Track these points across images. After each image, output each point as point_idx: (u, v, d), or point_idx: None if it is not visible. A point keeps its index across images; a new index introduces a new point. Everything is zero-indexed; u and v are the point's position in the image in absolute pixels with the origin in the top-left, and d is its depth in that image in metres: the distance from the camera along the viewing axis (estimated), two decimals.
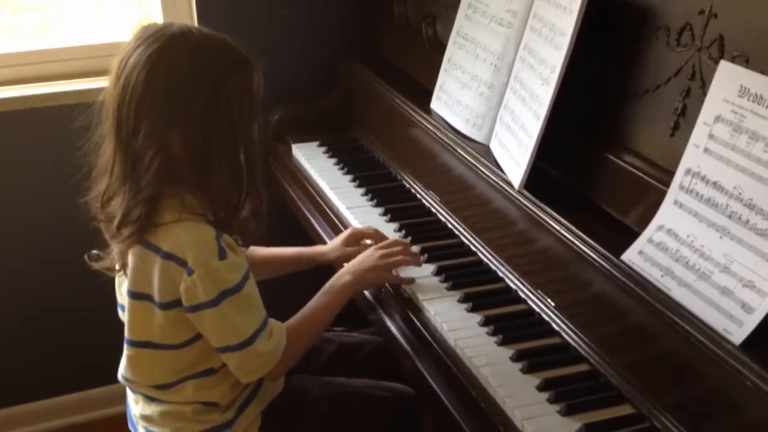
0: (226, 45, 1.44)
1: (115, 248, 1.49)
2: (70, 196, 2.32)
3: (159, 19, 2.45)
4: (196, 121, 1.40)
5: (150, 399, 1.57)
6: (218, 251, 1.42)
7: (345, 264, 1.77)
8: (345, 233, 1.88)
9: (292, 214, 2.25)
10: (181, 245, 1.41)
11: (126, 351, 1.55)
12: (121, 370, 1.59)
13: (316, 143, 2.42)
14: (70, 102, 2.31)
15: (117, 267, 1.51)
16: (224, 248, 1.43)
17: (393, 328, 1.69)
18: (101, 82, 2.28)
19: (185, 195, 1.44)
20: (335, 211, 2.10)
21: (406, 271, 1.75)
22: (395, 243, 1.77)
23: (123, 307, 1.55)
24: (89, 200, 1.50)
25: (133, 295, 1.48)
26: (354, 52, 2.53)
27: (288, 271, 1.86)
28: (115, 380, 1.63)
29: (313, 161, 2.32)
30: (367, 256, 1.71)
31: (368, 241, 1.85)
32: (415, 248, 1.85)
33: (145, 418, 1.58)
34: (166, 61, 1.39)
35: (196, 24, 2.25)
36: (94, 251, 1.54)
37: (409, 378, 1.67)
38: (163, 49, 1.39)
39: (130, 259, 1.47)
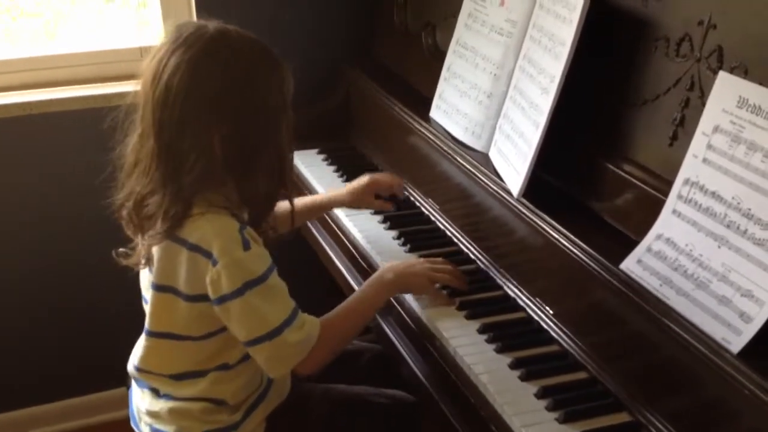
0: (262, 46, 1.46)
1: (140, 243, 1.50)
2: (71, 197, 2.36)
3: (158, 23, 2.46)
4: (238, 122, 1.42)
5: (158, 395, 1.58)
6: (242, 242, 1.43)
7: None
8: (363, 182, 1.94)
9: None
10: (206, 237, 1.42)
11: (144, 342, 1.56)
12: (135, 361, 1.59)
13: (315, 150, 2.43)
14: (71, 108, 2.33)
15: (142, 261, 1.51)
16: (248, 239, 1.44)
17: (392, 336, 1.70)
18: (101, 89, 2.35)
19: (213, 192, 1.45)
20: (334, 218, 2.10)
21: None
22: (445, 262, 1.74)
23: (146, 301, 1.55)
24: (118, 199, 1.50)
25: (158, 287, 1.49)
26: (353, 60, 2.54)
27: (301, 222, 1.91)
28: (116, 384, 1.63)
29: (313, 169, 2.33)
30: (416, 261, 1.71)
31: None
32: (414, 257, 1.86)
33: (152, 414, 1.58)
34: (208, 62, 1.40)
35: None
36: (122, 249, 1.55)
37: (408, 385, 1.67)
38: (205, 50, 1.40)
39: (156, 253, 1.47)
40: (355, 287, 1.85)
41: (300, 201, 1.89)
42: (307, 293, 1.66)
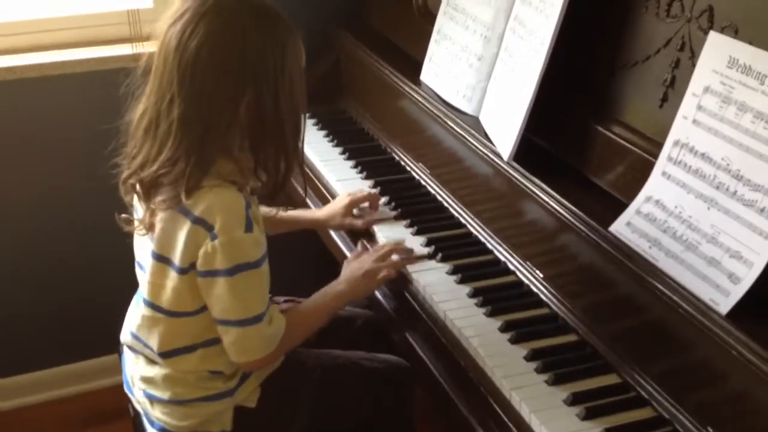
0: (280, 13, 1.46)
1: (143, 209, 1.49)
2: (63, 162, 2.34)
3: None
4: (263, 89, 1.41)
5: (153, 361, 1.58)
6: (246, 222, 1.43)
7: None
8: (343, 202, 1.90)
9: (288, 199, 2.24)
10: (211, 210, 1.42)
11: (142, 310, 1.56)
12: (132, 328, 1.59)
13: (306, 115, 2.41)
14: (61, 72, 2.31)
15: (141, 226, 1.50)
16: (252, 221, 1.44)
17: (383, 300, 1.70)
18: (91, 52, 2.33)
19: (224, 161, 1.45)
20: (325, 183, 2.10)
21: None
22: (388, 246, 1.74)
23: (141, 266, 1.55)
24: (128, 167, 1.48)
25: (157, 257, 1.49)
26: (343, 23, 2.51)
27: (280, 231, 1.88)
28: (109, 351, 1.61)
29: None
30: (361, 262, 1.70)
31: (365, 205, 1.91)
32: (405, 222, 1.86)
33: (146, 380, 1.59)
34: (237, 30, 1.39)
35: None
36: (124, 215, 1.54)
37: (400, 349, 1.68)
38: (232, 18, 1.40)
39: (159, 222, 1.47)
40: (347, 254, 1.85)
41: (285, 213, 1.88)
42: (299, 262, 1.66)
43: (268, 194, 1.51)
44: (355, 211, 1.91)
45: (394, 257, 1.71)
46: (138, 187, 1.47)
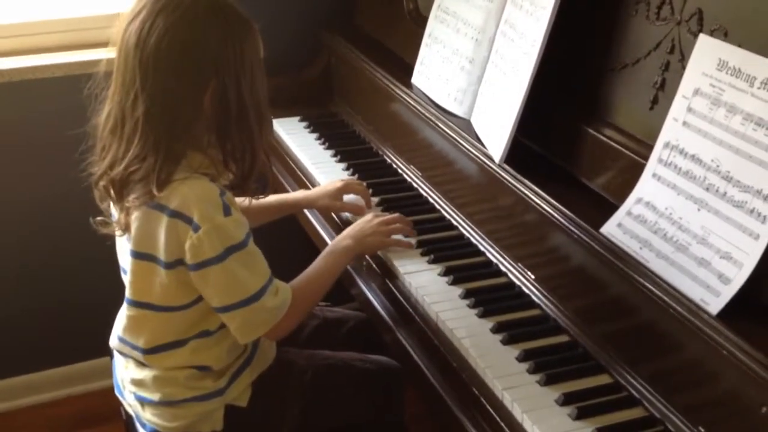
0: (234, 4, 1.47)
1: (117, 210, 1.50)
2: (48, 166, 2.33)
3: None
4: (228, 79, 1.43)
5: (143, 364, 1.58)
6: (223, 207, 1.44)
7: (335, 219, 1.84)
8: (335, 185, 1.92)
9: (272, 189, 2.24)
10: (187, 202, 1.42)
11: (126, 311, 1.56)
12: (119, 332, 1.59)
13: (297, 118, 2.42)
14: (49, 75, 2.31)
15: (119, 230, 1.51)
16: (228, 205, 1.45)
17: (375, 302, 1.70)
18: (80, 56, 2.32)
19: (194, 154, 1.46)
20: (316, 186, 2.09)
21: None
22: (392, 216, 1.80)
23: (125, 270, 1.55)
24: (99, 169, 1.49)
25: (137, 255, 1.49)
26: (334, 26, 2.52)
27: (271, 218, 1.88)
28: (100, 354, 1.61)
29: (294, 136, 2.32)
30: (366, 222, 1.75)
31: (352, 196, 1.94)
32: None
33: (136, 382, 1.59)
34: (195, 23, 1.40)
35: None
36: (100, 218, 1.54)
37: (392, 350, 1.68)
38: (189, 12, 1.40)
39: (134, 220, 1.47)
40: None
41: (269, 198, 1.87)
42: (283, 252, 1.65)
43: (237, 185, 1.52)
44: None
45: (399, 236, 1.77)
46: (111, 189, 1.47)
